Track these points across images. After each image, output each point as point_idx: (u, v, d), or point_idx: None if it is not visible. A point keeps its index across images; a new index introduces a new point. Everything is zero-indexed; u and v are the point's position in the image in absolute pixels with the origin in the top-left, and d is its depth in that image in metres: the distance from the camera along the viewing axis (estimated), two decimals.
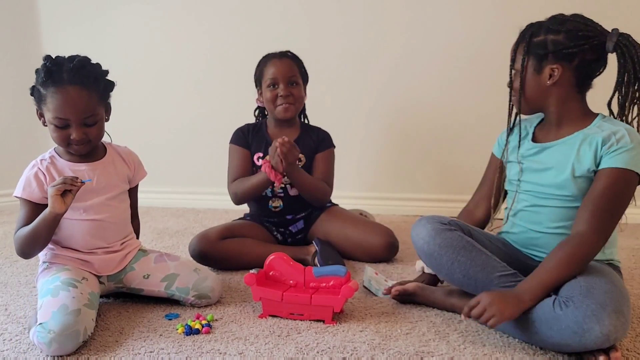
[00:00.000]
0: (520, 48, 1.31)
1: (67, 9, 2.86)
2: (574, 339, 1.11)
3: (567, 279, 1.20)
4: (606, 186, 1.22)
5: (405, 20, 2.54)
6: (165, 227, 2.42)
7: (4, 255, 2.00)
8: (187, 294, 1.47)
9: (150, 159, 2.89)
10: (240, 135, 1.96)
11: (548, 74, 1.28)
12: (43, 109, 1.36)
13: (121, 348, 1.26)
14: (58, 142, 1.38)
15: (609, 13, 1.46)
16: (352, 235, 1.87)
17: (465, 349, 1.23)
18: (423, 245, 1.36)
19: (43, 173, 1.38)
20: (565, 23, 1.26)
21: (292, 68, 1.92)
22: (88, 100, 1.34)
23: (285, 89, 1.89)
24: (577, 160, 1.28)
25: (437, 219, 1.38)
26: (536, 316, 1.17)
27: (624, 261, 1.83)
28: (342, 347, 1.25)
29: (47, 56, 1.35)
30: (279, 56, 1.94)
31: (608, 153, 1.23)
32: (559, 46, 1.26)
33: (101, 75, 1.39)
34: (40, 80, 1.33)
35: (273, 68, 1.90)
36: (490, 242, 1.42)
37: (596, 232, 1.22)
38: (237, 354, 1.22)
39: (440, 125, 2.58)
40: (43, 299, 1.29)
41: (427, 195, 2.64)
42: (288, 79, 1.89)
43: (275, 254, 1.49)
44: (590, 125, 1.29)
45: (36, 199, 1.37)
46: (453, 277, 1.33)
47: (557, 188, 1.31)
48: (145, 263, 1.51)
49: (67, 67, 1.33)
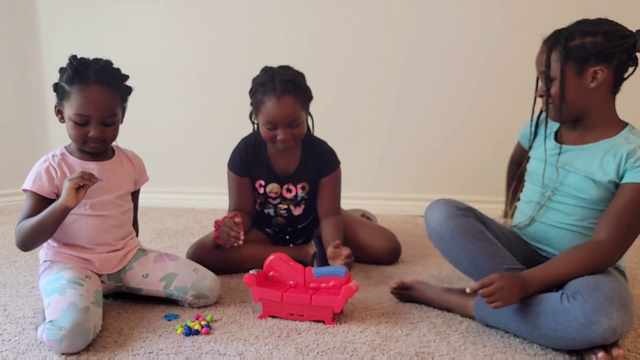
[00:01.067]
0: (555, 54, 1.28)
1: (65, 8, 2.85)
2: (580, 332, 1.11)
3: (573, 279, 1.21)
4: (630, 201, 1.23)
5: (405, 20, 2.54)
6: (165, 228, 2.42)
7: (2, 256, 2.00)
8: (185, 293, 1.47)
9: (149, 159, 2.89)
10: (237, 161, 1.80)
11: (591, 77, 1.27)
12: (65, 105, 1.39)
13: (120, 349, 1.25)
14: (75, 139, 1.41)
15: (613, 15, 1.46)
16: (355, 239, 1.86)
17: (466, 350, 1.23)
18: (435, 226, 1.37)
19: (54, 168, 1.40)
20: (598, 26, 1.26)
21: (293, 109, 1.65)
22: (111, 100, 1.40)
23: (285, 133, 1.67)
24: (599, 169, 1.28)
25: (453, 203, 1.39)
26: (542, 309, 1.18)
27: (626, 261, 1.83)
28: (342, 348, 1.24)
29: (73, 55, 1.40)
30: (279, 95, 1.63)
31: (633, 167, 1.24)
32: (599, 47, 1.25)
33: (123, 79, 1.46)
34: (67, 78, 1.37)
35: (271, 110, 1.64)
36: (503, 233, 1.43)
37: (615, 243, 1.23)
38: (236, 354, 1.22)
39: (441, 126, 2.58)
40: (50, 298, 1.29)
41: (427, 195, 2.62)
42: (288, 122, 1.66)
43: (275, 255, 1.48)
44: (617, 136, 1.30)
45: (45, 192, 1.39)
46: (460, 263, 1.35)
47: (576, 190, 1.32)
48: (145, 262, 1.51)
49: (94, 67, 1.38)
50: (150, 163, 1.64)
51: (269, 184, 1.81)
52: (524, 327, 1.22)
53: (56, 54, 2.87)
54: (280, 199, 1.83)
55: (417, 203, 2.62)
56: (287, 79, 1.65)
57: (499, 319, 1.28)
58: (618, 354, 1.13)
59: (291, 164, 1.80)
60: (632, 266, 1.80)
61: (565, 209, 1.34)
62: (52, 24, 2.88)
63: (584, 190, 1.31)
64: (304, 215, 1.87)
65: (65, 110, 1.39)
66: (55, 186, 1.39)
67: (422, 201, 2.64)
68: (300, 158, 1.80)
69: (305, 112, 1.72)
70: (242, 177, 1.82)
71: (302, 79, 1.72)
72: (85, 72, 1.37)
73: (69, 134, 1.41)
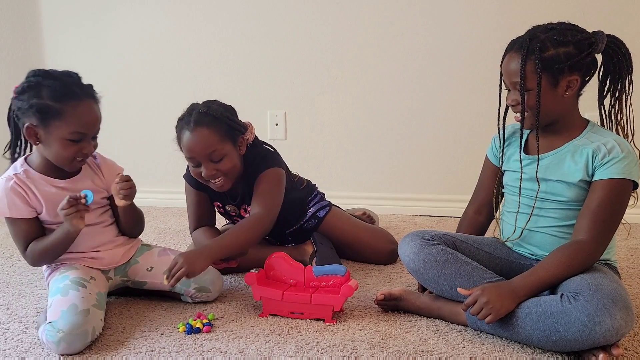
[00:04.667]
0: (531, 66, 1.27)
1: (68, 10, 2.86)
2: (583, 333, 1.12)
3: (562, 281, 1.24)
4: (603, 197, 1.26)
5: (406, 20, 2.55)
6: (167, 227, 2.43)
7: (5, 255, 2.01)
8: (188, 286, 1.49)
9: (151, 158, 2.92)
10: (191, 175, 1.67)
11: (565, 86, 1.28)
12: (51, 124, 1.31)
13: (122, 347, 1.26)
14: (64, 158, 1.35)
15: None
16: (355, 241, 1.86)
17: (464, 348, 1.24)
18: (409, 262, 1.40)
19: (22, 189, 1.36)
20: (566, 33, 1.27)
21: (208, 140, 1.54)
22: (99, 113, 1.38)
23: (208, 169, 1.56)
24: (569, 171, 1.31)
25: (420, 234, 1.42)
26: (541, 310, 1.18)
27: (622, 261, 1.85)
28: (342, 346, 1.26)
29: (39, 70, 1.35)
30: (192, 127, 1.54)
31: (601, 165, 1.27)
32: (573, 58, 1.26)
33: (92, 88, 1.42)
34: (54, 95, 1.30)
35: (186, 143, 1.55)
36: (477, 249, 1.44)
37: (596, 241, 1.26)
38: (237, 352, 1.23)
39: (441, 126, 2.59)
40: (53, 298, 1.31)
41: (427, 195, 2.65)
42: (207, 156, 1.55)
43: (275, 254, 1.50)
44: (580, 136, 1.33)
45: (26, 215, 1.37)
46: (441, 290, 1.36)
47: (554, 195, 1.34)
48: (149, 256, 1.54)
49: (70, 80, 1.34)
50: (153, 163, 1.66)
51: (226, 205, 1.78)
52: (521, 331, 1.21)
53: (59, 56, 2.88)
54: (240, 218, 1.78)
55: (416, 203, 2.64)
56: (202, 111, 1.56)
57: (494, 325, 1.26)
58: (618, 352, 1.14)
59: (236, 188, 1.72)
60: (628, 265, 1.82)
61: (546, 213, 1.36)
62: (55, 26, 2.88)
63: (561, 194, 1.33)
64: (281, 224, 1.75)
65: (51, 130, 1.31)
66: (31, 206, 1.36)
67: (421, 201, 2.66)
68: (243, 181, 1.70)
69: (230, 144, 1.59)
70: (198, 191, 1.75)
71: (223, 111, 1.60)
72: (70, 85, 1.32)
73: (54, 154, 1.34)
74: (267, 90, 2.69)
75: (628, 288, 1.57)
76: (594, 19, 2.40)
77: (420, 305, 1.42)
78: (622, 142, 1.29)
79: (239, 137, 1.63)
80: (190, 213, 1.79)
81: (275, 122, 2.71)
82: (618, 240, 2.08)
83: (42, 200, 1.37)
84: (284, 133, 2.69)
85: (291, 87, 2.69)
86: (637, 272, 1.75)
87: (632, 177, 1.26)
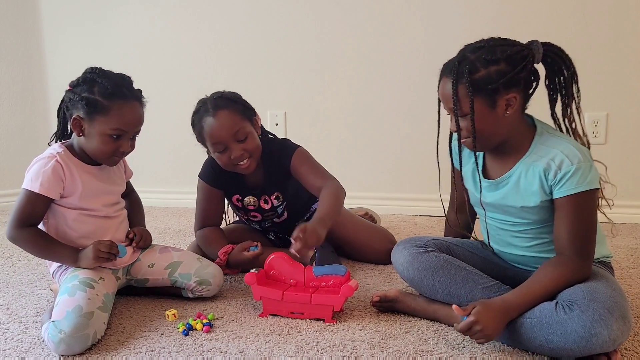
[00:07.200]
0: (462, 90, 1.21)
1: (68, 10, 2.86)
2: (580, 344, 1.10)
3: (553, 295, 1.20)
4: (570, 213, 1.22)
5: (406, 20, 2.55)
6: (167, 227, 2.43)
7: (5, 255, 2.01)
8: (189, 279, 1.51)
9: (151, 158, 2.92)
10: (210, 172, 1.75)
11: (504, 105, 1.22)
12: (96, 119, 1.37)
13: (122, 347, 1.27)
14: (103, 153, 1.41)
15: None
16: (355, 240, 1.87)
17: (464, 348, 1.24)
18: (403, 271, 1.40)
19: (62, 168, 1.39)
20: (495, 50, 1.21)
21: (232, 120, 1.60)
22: (143, 115, 1.46)
23: (236, 149, 1.61)
24: (527, 195, 1.27)
25: (413, 242, 1.41)
26: (536, 320, 1.16)
27: (621, 260, 1.85)
28: (342, 346, 1.26)
29: (96, 68, 1.42)
30: (213, 112, 1.61)
31: (556, 183, 1.22)
32: (505, 74, 1.19)
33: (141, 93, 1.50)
34: (104, 92, 1.37)
35: (212, 129, 1.61)
36: (472, 253, 1.44)
37: (579, 255, 1.22)
38: (237, 352, 1.23)
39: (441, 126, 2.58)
40: (60, 297, 1.31)
41: (427, 195, 2.64)
42: (233, 136, 1.60)
43: (275, 254, 1.50)
44: (528, 152, 1.27)
45: (52, 194, 1.39)
46: (437, 297, 1.36)
47: (519, 218, 1.31)
48: (151, 254, 1.56)
49: (121, 81, 1.41)
50: (153, 163, 1.66)
51: (245, 197, 1.78)
52: (517, 340, 1.20)
53: (59, 55, 2.89)
54: (259, 212, 1.80)
55: (416, 203, 2.64)
56: (217, 97, 1.65)
57: None
58: (616, 358, 1.14)
59: (258, 178, 1.75)
60: (629, 265, 1.81)
61: (518, 235, 1.34)
62: (55, 26, 2.88)
63: (525, 217, 1.30)
64: (292, 218, 1.82)
65: (95, 124, 1.38)
66: (62, 188, 1.39)
67: (421, 201, 2.66)
68: (263, 170, 1.74)
69: (249, 124, 1.65)
70: (215, 189, 1.76)
71: (235, 95, 1.69)
72: (121, 86, 1.39)
73: (94, 148, 1.40)
74: (267, 90, 2.69)
75: (628, 288, 1.57)
76: (594, 19, 2.42)
77: (416, 307, 1.41)
78: (570, 150, 1.22)
79: (253, 117, 1.69)
80: (199, 211, 1.80)
81: (275, 122, 2.71)
82: (618, 240, 2.09)
83: (80, 182, 1.41)
84: (284, 133, 2.69)
85: (291, 87, 2.69)
86: (637, 272, 1.75)
87: (591, 185, 1.20)
